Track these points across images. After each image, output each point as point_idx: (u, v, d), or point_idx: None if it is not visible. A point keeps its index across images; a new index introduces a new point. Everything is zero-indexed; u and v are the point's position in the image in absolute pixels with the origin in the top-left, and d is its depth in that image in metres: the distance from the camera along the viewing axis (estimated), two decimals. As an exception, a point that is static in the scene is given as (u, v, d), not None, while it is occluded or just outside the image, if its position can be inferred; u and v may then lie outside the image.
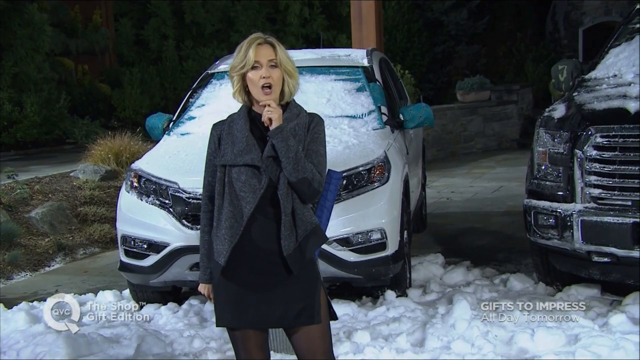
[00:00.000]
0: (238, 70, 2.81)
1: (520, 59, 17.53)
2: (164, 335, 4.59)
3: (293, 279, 2.80)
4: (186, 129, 5.74)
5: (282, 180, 2.77)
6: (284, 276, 2.80)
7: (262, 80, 2.78)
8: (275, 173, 2.78)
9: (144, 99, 17.08)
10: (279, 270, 2.80)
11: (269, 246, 2.79)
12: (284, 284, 2.80)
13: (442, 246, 6.86)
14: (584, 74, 5.60)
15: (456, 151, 13.26)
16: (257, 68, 2.79)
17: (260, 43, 2.80)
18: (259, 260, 2.80)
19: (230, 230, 2.78)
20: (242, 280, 2.81)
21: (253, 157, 2.78)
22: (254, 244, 2.79)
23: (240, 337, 2.87)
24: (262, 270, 2.80)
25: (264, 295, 2.80)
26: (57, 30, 16.30)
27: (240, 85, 2.84)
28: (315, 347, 2.85)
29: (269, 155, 2.77)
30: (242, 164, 2.78)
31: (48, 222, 7.56)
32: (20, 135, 14.34)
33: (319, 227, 2.88)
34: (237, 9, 18.96)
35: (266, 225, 2.79)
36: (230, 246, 2.77)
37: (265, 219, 2.79)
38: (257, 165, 2.77)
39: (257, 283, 2.80)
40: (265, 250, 2.79)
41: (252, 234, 2.79)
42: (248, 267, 2.81)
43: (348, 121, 5.53)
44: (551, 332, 4.19)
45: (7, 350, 4.35)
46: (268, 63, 2.79)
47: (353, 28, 10.01)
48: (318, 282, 2.88)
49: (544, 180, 5.02)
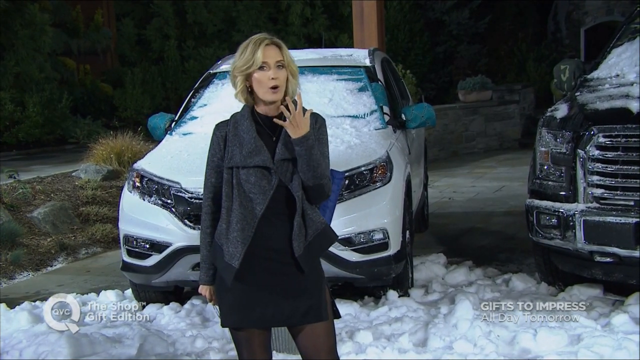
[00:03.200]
0: (243, 70, 2.79)
1: (522, 59, 17.53)
2: (166, 335, 4.59)
3: (300, 277, 2.81)
4: (188, 129, 5.74)
5: (295, 182, 2.78)
6: (293, 275, 2.81)
7: (271, 82, 2.77)
8: (287, 175, 2.79)
9: (145, 99, 17.10)
10: (290, 269, 2.81)
11: (281, 246, 2.80)
12: (292, 283, 2.81)
13: (444, 246, 6.86)
14: (586, 74, 5.60)
15: (458, 151, 13.25)
16: (264, 69, 2.78)
17: (268, 44, 2.79)
18: (271, 260, 2.81)
19: (242, 232, 2.77)
20: (252, 281, 2.81)
21: (264, 159, 2.77)
22: (266, 244, 2.80)
23: (244, 337, 2.87)
24: (274, 270, 2.81)
25: (273, 295, 2.81)
26: (58, 30, 16.32)
27: (244, 85, 2.83)
28: (320, 345, 2.86)
29: (282, 158, 2.78)
30: (253, 165, 2.78)
31: (50, 222, 7.57)
32: (22, 135, 14.36)
33: (328, 227, 2.90)
34: (239, 9, 18.97)
35: (277, 225, 2.80)
36: (243, 248, 2.77)
37: (276, 219, 2.80)
38: (267, 167, 2.78)
39: (267, 283, 2.81)
40: (277, 250, 2.80)
41: (264, 234, 2.79)
42: (260, 268, 2.81)
43: (350, 121, 5.52)
44: (553, 332, 4.19)
45: (10, 350, 4.35)
46: (276, 64, 2.78)
47: (355, 28, 10.01)
48: (323, 280, 2.90)
49: (546, 180, 5.02)
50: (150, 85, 17.56)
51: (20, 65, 14.63)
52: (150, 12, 19.22)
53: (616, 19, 17.39)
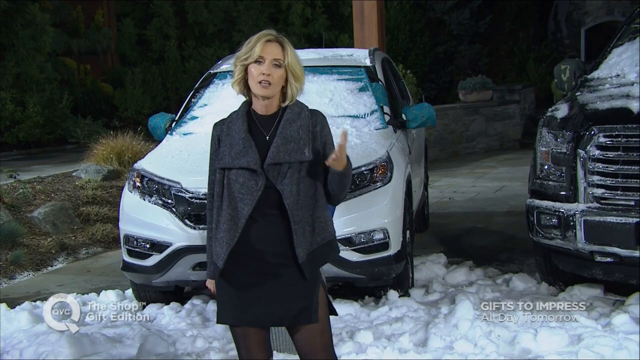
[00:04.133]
0: (242, 60, 2.82)
1: (522, 59, 17.53)
2: (166, 335, 4.59)
3: (293, 279, 2.81)
4: (189, 129, 5.74)
5: (287, 189, 2.77)
6: (285, 276, 2.81)
7: (260, 76, 2.78)
8: (278, 178, 2.78)
9: (145, 99, 17.10)
10: (279, 271, 2.81)
11: (268, 248, 2.80)
12: (284, 284, 2.81)
13: (445, 246, 6.86)
14: (587, 74, 5.59)
15: (458, 151, 13.25)
16: (260, 63, 2.79)
17: (269, 40, 2.80)
18: (258, 261, 2.81)
19: (228, 233, 2.79)
20: (240, 281, 2.83)
21: (249, 160, 2.78)
22: (252, 245, 2.80)
23: (241, 334, 2.88)
24: (264, 271, 2.81)
25: (264, 296, 2.81)
26: (59, 31, 16.33)
27: (241, 76, 2.84)
28: (315, 343, 2.88)
29: (273, 162, 2.78)
30: (239, 166, 2.78)
31: (50, 221, 7.57)
32: (22, 135, 14.36)
33: (335, 240, 2.91)
34: (239, 9, 18.97)
35: (265, 226, 2.80)
36: (227, 249, 2.79)
37: (264, 220, 2.80)
38: (253, 169, 2.78)
39: (256, 283, 2.81)
40: (264, 251, 2.80)
41: (250, 235, 2.80)
42: (246, 268, 2.82)
43: (350, 121, 5.52)
44: (554, 332, 4.19)
45: (11, 349, 4.35)
46: (272, 61, 2.78)
47: (355, 28, 10.00)
48: (318, 282, 2.88)
49: (546, 180, 5.02)
50: (150, 85, 17.57)
51: (21, 65, 14.64)
52: (151, 12, 19.23)
53: (616, 19, 17.41)
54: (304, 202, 2.79)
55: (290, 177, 2.77)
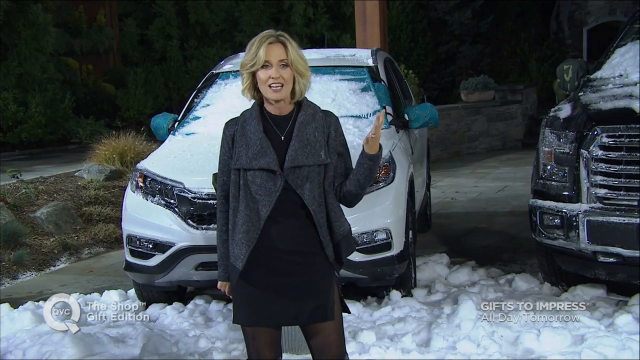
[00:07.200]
0: (248, 68, 2.80)
1: (524, 59, 17.52)
2: (169, 335, 4.59)
3: (310, 277, 2.82)
4: (191, 129, 5.74)
5: (308, 194, 2.79)
6: (302, 275, 2.82)
7: (270, 80, 2.77)
8: (297, 182, 2.78)
9: (148, 99, 17.12)
10: (298, 269, 2.81)
11: (288, 247, 2.80)
12: (301, 283, 2.82)
13: (447, 246, 6.86)
14: (590, 74, 5.59)
15: (460, 151, 13.24)
16: (267, 67, 2.77)
17: (271, 42, 2.78)
18: (278, 260, 2.81)
19: (248, 234, 2.78)
20: (259, 281, 2.82)
21: (268, 161, 2.77)
22: (272, 245, 2.80)
23: (251, 334, 2.88)
24: (281, 271, 2.82)
25: (281, 295, 2.81)
26: (61, 31, 16.35)
27: (250, 82, 2.83)
28: (330, 342, 2.89)
29: (293, 166, 2.78)
30: (258, 167, 2.77)
31: (53, 221, 7.57)
32: (24, 135, 14.39)
33: (350, 234, 2.96)
34: (241, 9, 18.98)
35: (285, 226, 2.80)
36: (247, 250, 2.78)
37: (284, 220, 2.80)
38: (272, 170, 2.77)
39: (274, 283, 2.82)
40: (284, 250, 2.80)
41: (270, 235, 2.80)
42: (266, 269, 2.82)
43: (353, 121, 5.51)
44: (557, 333, 4.19)
45: (14, 349, 4.36)
46: (279, 63, 2.77)
47: (357, 28, 9.99)
48: (333, 278, 2.90)
49: (549, 180, 5.01)
50: (152, 85, 17.59)
51: (23, 66, 14.66)
52: (153, 12, 19.25)
53: (619, 19, 17.38)
54: (323, 203, 2.83)
55: (310, 182, 2.79)
